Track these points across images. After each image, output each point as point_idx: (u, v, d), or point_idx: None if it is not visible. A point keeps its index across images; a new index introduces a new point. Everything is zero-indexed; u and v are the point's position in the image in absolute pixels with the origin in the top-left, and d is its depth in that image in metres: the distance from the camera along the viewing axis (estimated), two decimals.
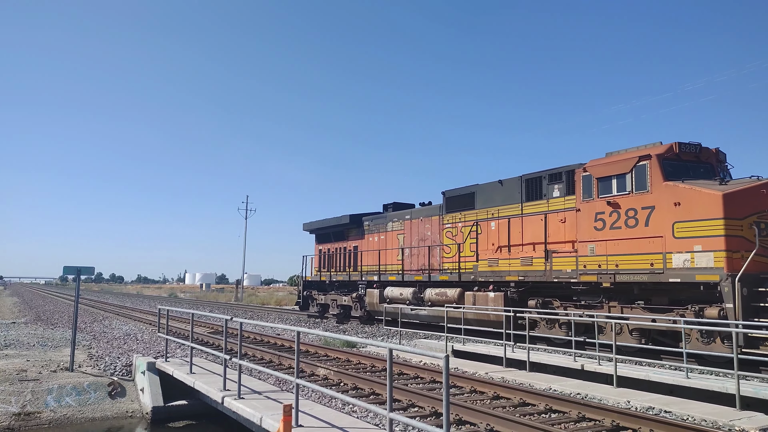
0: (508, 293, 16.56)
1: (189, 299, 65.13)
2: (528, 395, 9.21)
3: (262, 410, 7.39)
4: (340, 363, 13.11)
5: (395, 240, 22.89)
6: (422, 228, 21.24)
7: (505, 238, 17.20)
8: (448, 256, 19.60)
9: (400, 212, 23.18)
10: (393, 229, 23.16)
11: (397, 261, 22.35)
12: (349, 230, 26.34)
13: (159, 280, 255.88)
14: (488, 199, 18.12)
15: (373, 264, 23.73)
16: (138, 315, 30.49)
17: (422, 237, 21.13)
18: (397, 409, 8.58)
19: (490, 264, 17.40)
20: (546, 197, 16.10)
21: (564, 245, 15.22)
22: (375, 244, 24.20)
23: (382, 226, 23.87)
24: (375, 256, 23.64)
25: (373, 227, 24.55)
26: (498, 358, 13.11)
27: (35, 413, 10.17)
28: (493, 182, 18.04)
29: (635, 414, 7.79)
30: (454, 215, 19.59)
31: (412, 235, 21.85)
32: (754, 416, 8.12)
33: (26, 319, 28.11)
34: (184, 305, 43.08)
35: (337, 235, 27.36)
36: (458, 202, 19.46)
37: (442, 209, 20.23)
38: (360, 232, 25.48)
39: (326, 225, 28.04)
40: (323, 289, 28.10)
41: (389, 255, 22.96)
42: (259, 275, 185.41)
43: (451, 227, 19.64)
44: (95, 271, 14.33)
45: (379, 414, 7.46)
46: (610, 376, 10.52)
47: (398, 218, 23.00)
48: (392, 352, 5.58)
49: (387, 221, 23.58)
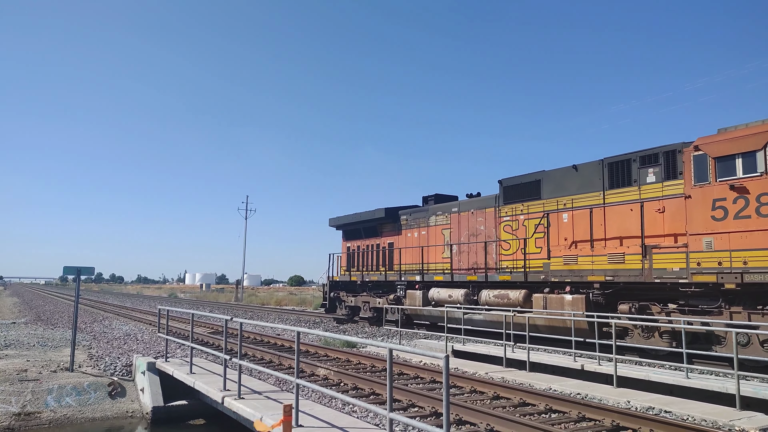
0: (590, 296, 14.35)
1: (189, 299, 65.12)
2: (528, 395, 9.21)
3: (262, 410, 7.39)
4: (340, 363, 13.11)
5: (440, 235, 20.69)
6: (473, 222, 19.12)
7: (582, 231, 14.99)
8: (506, 253, 17.59)
9: (444, 204, 20.96)
10: (437, 223, 20.95)
11: (442, 259, 20.30)
12: (383, 225, 24.25)
13: (159, 281, 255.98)
14: (558, 187, 15.97)
15: (413, 262, 21.72)
16: (138, 315, 30.49)
17: (474, 232, 19.02)
18: (397, 409, 8.58)
19: (566, 262, 15.03)
20: (637, 183, 13.92)
21: (663, 239, 13.06)
22: (414, 240, 22.00)
23: (424, 221, 21.68)
24: (415, 254, 21.63)
25: (411, 222, 22.42)
26: (498, 358, 13.11)
27: (35, 413, 10.17)
28: (564, 168, 15.91)
29: (635, 414, 7.80)
30: (515, 206, 17.43)
31: (460, 229, 19.67)
32: (754, 416, 8.13)
33: (26, 319, 28.11)
34: (184, 305, 43.08)
35: (369, 230, 25.17)
36: (519, 191, 17.33)
37: (499, 200, 18.09)
38: (396, 228, 23.33)
39: (356, 220, 25.72)
40: (353, 290, 25.68)
41: (432, 252, 20.84)
42: (259, 275, 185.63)
43: (511, 220, 17.50)
44: (95, 272, 14.34)
45: (379, 414, 7.46)
46: (610, 376, 10.52)
47: (443, 211, 20.75)
48: (392, 352, 5.58)
49: (429, 215, 21.36)
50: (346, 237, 27.11)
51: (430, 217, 21.32)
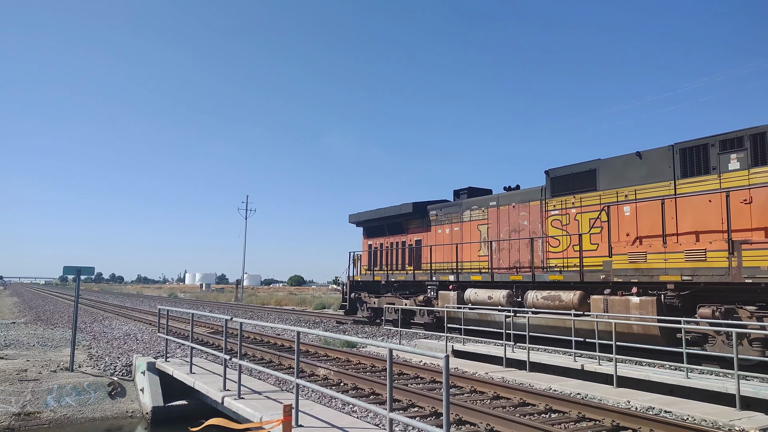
0: (662, 298, 12.76)
1: (189, 299, 65.13)
2: (528, 395, 9.21)
3: (262, 410, 7.39)
4: (340, 363, 13.10)
5: (475, 232, 19.26)
6: (515, 216, 17.69)
7: (649, 226, 13.52)
8: (555, 250, 16.15)
9: (480, 198, 19.60)
10: (472, 218, 19.48)
11: (478, 257, 18.87)
12: (410, 221, 22.79)
13: (159, 280, 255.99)
14: (618, 176, 14.52)
15: (444, 260, 20.28)
16: (138, 315, 30.48)
17: (515, 227, 17.64)
18: (397, 409, 8.58)
19: (631, 260, 13.35)
20: (716, 171, 12.56)
21: (751, 234, 11.74)
22: (446, 236, 20.51)
23: (456, 216, 20.20)
24: (446, 252, 20.14)
25: (442, 217, 20.93)
26: (498, 358, 13.11)
27: (35, 413, 10.17)
28: (625, 156, 14.45)
29: (635, 414, 7.79)
30: (565, 199, 15.94)
31: (500, 225, 18.24)
32: (754, 416, 8.12)
33: (26, 319, 28.11)
34: (184, 305, 43.08)
35: (394, 227, 23.68)
36: (570, 182, 15.84)
37: (545, 192, 16.65)
38: (424, 223, 21.88)
39: (379, 216, 24.25)
40: (375, 291, 24.13)
41: (467, 250, 19.34)
42: (259, 275, 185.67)
43: (560, 214, 16.04)
44: (95, 271, 14.35)
45: (379, 414, 7.46)
46: (610, 376, 10.51)
47: (479, 205, 19.33)
48: (392, 352, 5.57)
49: (463, 209, 19.93)
50: (368, 234, 25.67)
51: (464, 212, 19.90)
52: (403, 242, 23.02)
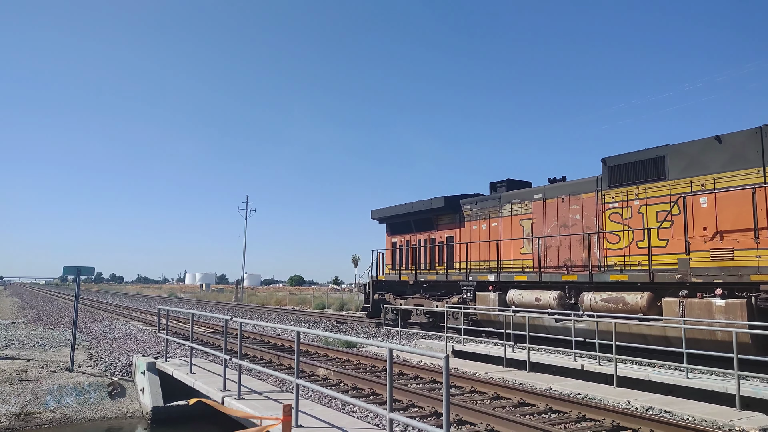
0: (753, 300, 11.43)
1: (189, 299, 65.13)
2: (528, 395, 9.21)
3: (262, 410, 7.38)
4: (340, 363, 13.10)
5: (517, 227, 17.75)
6: (564, 210, 16.19)
7: (733, 219, 11.98)
8: (614, 247, 14.63)
9: (523, 191, 18.07)
10: (513, 213, 17.97)
11: (520, 255, 17.42)
12: (440, 217, 21.31)
13: (159, 280, 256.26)
14: (693, 164, 13.07)
15: (480, 259, 18.81)
16: (138, 315, 30.49)
17: (565, 222, 16.13)
18: (397, 409, 8.58)
19: (714, 257, 12.00)
20: None
21: None
22: (482, 233, 19.05)
23: (495, 210, 18.69)
24: (483, 249, 18.74)
25: (478, 212, 19.45)
26: (498, 358, 13.11)
27: (35, 413, 10.16)
28: (701, 140, 13.04)
29: (635, 414, 7.79)
30: (626, 190, 14.45)
31: (546, 219, 16.76)
32: (754, 416, 8.12)
33: (26, 319, 28.11)
34: (184, 305, 43.09)
35: (422, 223, 22.10)
36: (633, 171, 14.33)
37: (601, 183, 15.13)
38: (457, 219, 20.40)
39: (406, 211, 22.65)
40: (401, 292, 22.59)
41: (507, 247, 17.84)
42: (259, 275, 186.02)
43: (620, 207, 14.54)
44: (95, 271, 14.35)
45: (379, 414, 7.46)
46: (610, 376, 10.51)
47: (521, 199, 17.79)
48: (392, 352, 5.57)
49: (502, 203, 18.43)
50: (392, 231, 24.01)
51: (504, 206, 18.34)
52: (433, 239, 21.51)
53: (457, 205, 20.38)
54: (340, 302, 44.03)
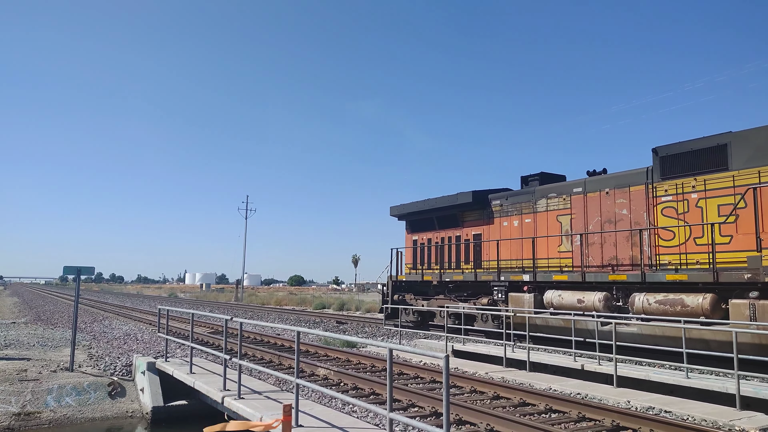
0: None
1: (189, 299, 65.16)
2: (528, 395, 9.21)
3: (262, 410, 7.39)
4: (340, 363, 13.10)
5: (554, 223, 16.56)
6: (609, 204, 14.95)
7: None
8: (668, 244, 13.44)
9: (560, 185, 16.85)
10: (549, 208, 16.72)
11: (558, 253, 16.22)
12: (466, 213, 20.00)
13: (159, 280, 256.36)
14: (760, 152, 11.96)
15: (512, 257, 17.62)
16: (138, 315, 30.50)
17: (610, 217, 14.90)
18: (397, 409, 8.58)
19: None
20: None
21: None
22: (514, 230, 17.84)
23: (528, 205, 17.47)
24: (515, 247, 17.54)
25: (509, 207, 18.20)
26: (498, 358, 13.10)
27: (35, 413, 10.17)
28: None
29: (635, 414, 7.79)
30: (681, 182, 13.34)
31: (587, 215, 15.53)
32: (755, 416, 8.12)
33: (26, 319, 28.13)
34: (184, 305, 43.11)
35: (446, 220, 20.84)
36: (690, 161, 13.26)
37: (652, 174, 13.96)
38: (485, 215, 19.13)
39: (428, 207, 21.37)
40: (422, 292, 21.44)
41: (543, 245, 16.68)
42: (260, 275, 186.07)
43: (674, 200, 13.39)
44: (95, 271, 14.36)
45: (379, 414, 7.46)
46: (610, 376, 10.51)
47: (558, 192, 16.55)
48: (392, 352, 5.57)
49: (536, 198, 17.21)
50: (412, 228, 22.70)
51: (538, 201, 17.13)
52: (458, 237, 20.24)
53: (485, 200, 19.09)
54: (340, 302, 44.06)
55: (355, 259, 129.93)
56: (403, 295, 21.90)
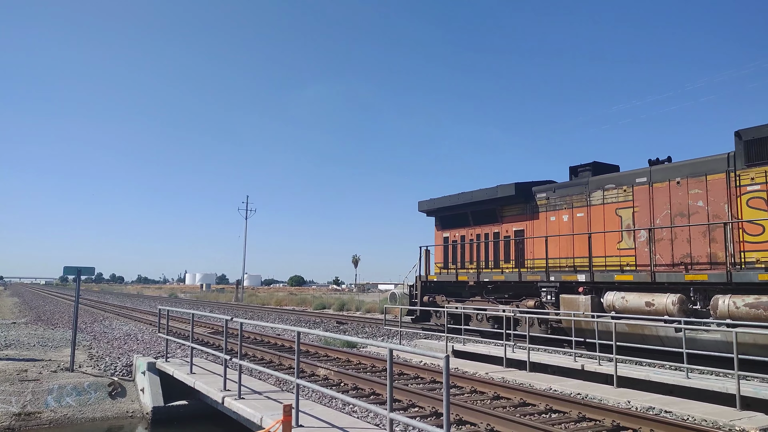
0: None
1: (189, 299, 65.16)
2: (528, 395, 9.22)
3: (262, 410, 7.39)
4: (340, 363, 13.11)
5: (612, 217, 14.99)
6: (680, 195, 13.52)
7: None
8: (755, 240, 12.09)
9: (619, 174, 15.27)
10: (607, 200, 15.18)
11: (616, 250, 14.71)
12: (505, 208, 18.53)
13: (159, 281, 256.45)
14: None
15: (562, 255, 16.08)
16: (138, 315, 30.51)
17: (681, 210, 13.45)
18: (398, 409, 8.58)
19: None
20: None
21: None
22: (563, 225, 16.35)
23: (580, 198, 15.94)
24: (565, 244, 16.02)
25: (557, 201, 16.67)
26: (498, 358, 13.11)
27: (35, 413, 10.17)
28: None
29: (635, 414, 7.80)
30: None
31: (654, 207, 14.05)
32: (755, 416, 8.13)
33: (26, 319, 28.13)
34: (184, 305, 43.12)
35: (482, 215, 19.32)
36: None
37: (734, 161, 12.57)
38: (528, 209, 17.66)
39: (461, 202, 19.85)
40: (454, 294, 19.82)
41: (599, 241, 15.09)
42: (260, 275, 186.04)
43: (763, 190, 12.01)
44: (95, 272, 14.36)
45: (379, 414, 7.46)
46: (611, 376, 10.52)
47: (617, 183, 14.99)
48: (392, 352, 5.58)
49: (591, 189, 15.66)
50: (443, 225, 21.11)
51: (593, 193, 15.57)
52: (496, 233, 18.76)
53: (528, 193, 17.62)
54: (340, 302, 44.08)
55: (355, 260, 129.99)
56: (433, 297, 20.26)
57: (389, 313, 23.65)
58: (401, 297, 40.72)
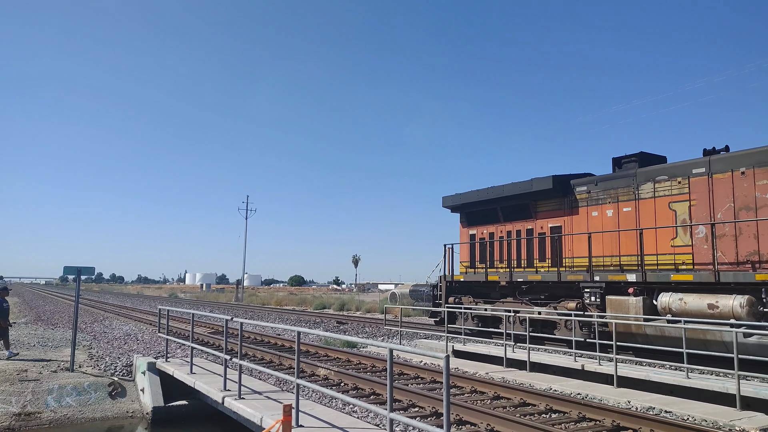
0: None
1: (189, 299, 65.19)
2: (528, 395, 9.22)
3: (262, 410, 7.39)
4: (340, 363, 13.11)
5: (665, 212, 13.83)
6: (746, 187, 12.43)
7: None
8: None
9: (673, 165, 14.06)
10: (658, 193, 14.00)
11: (670, 248, 13.58)
12: (540, 202, 17.35)
13: (159, 281, 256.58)
14: None
15: (605, 254, 14.99)
16: (138, 315, 30.53)
17: (748, 203, 12.39)
18: (398, 409, 8.59)
19: None
20: None
21: None
22: (607, 220, 15.19)
23: (627, 191, 14.76)
24: (609, 241, 14.91)
25: (600, 194, 15.51)
26: (498, 358, 13.12)
27: (36, 413, 10.17)
28: None
29: (636, 414, 7.80)
30: None
31: (715, 200, 12.96)
32: (755, 416, 8.13)
33: (26, 319, 28.13)
34: (184, 305, 43.12)
35: (514, 210, 18.16)
36: None
37: None
38: (566, 204, 16.50)
39: (492, 197, 18.60)
40: (482, 294, 18.47)
41: (649, 238, 13.92)
42: (260, 275, 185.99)
43: None
44: (95, 272, 14.36)
45: (379, 414, 7.46)
46: (611, 376, 10.52)
47: (671, 175, 13.80)
48: (392, 352, 5.58)
49: (640, 182, 14.47)
50: (469, 221, 20.03)
51: (642, 185, 14.41)
52: (529, 230, 17.66)
53: (567, 186, 16.51)
54: (340, 302, 44.11)
55: (356, 260, 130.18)
56: (459, 298, 19.01)
57: (389, 313, 23.72)
58: (401, 297, 40.82)
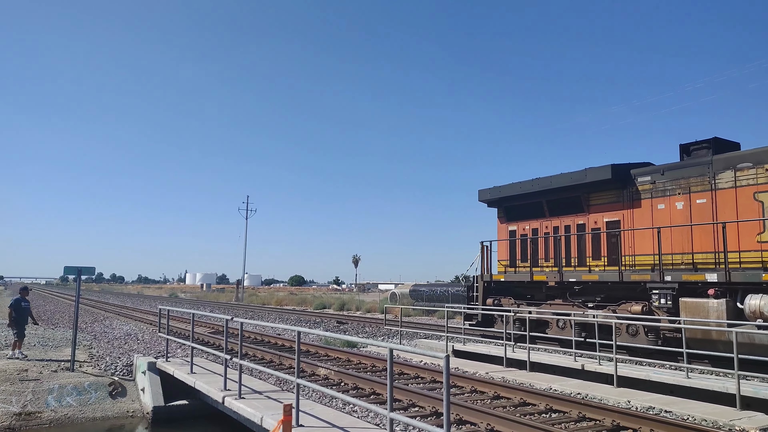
0: None
1: (189, 299, 65.21)
2: (528, 395, 9.22)
3: (262, 410, 7.40)
4: (340, 363, 13.11)
5: (748, 203, 12.38)
6: None
7: None
8: None
9: (755, 151, 12.55)
10: (740, 182, 12.56)
11: (756, 243, 12.17)
12: (593, 195, 15.82)
13: (159, 280, 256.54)
14: None
15: (674, 251, 13.51)
16: (138, 315, 30.54)
17: None
18: (398, 408, 8.59)
19: None
20: None
21: None
22: (676, 213, 13.69)
23: (702, 180, 13.27)
24: (679, 238, 13.46)
25: (667, 185, 14.00)
26: (498, 358, 13.12)
27: (36, 413, 10.18)
28: None
29: (636, 414, 7.80)
30: None
31: None
32: (755, 416, 8.13)
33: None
34: (184, 305, 43.14)
35: (562, 204, 16.59)
36: None
37: None
38: (626, 196, 14.96)
39: (537, 189, 16.96)
40: (523, 295, 17.20)
41: (730, 233, 12.35)
42: (260, 275, 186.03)
43: None
44: (96, 272, 14.37)
45: (379, 414, 7.47)
46: (611, 376, 10.53)
47: (756, 162, 12.35)
48: (393, 352, 5.58)
49: (717, 170, 13.01)
50: (509, 216, 18.49)
51: (720, 174, 12.94)
52: (581, 225, 16.15)
53: (626, 176, 14.94)
54: (340, 302, 44.13)
55: (356, 259, 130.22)
56: (498, 299, 17.55)
57: (389, 312, 23.73)
58: (401, 297, 40.85)
